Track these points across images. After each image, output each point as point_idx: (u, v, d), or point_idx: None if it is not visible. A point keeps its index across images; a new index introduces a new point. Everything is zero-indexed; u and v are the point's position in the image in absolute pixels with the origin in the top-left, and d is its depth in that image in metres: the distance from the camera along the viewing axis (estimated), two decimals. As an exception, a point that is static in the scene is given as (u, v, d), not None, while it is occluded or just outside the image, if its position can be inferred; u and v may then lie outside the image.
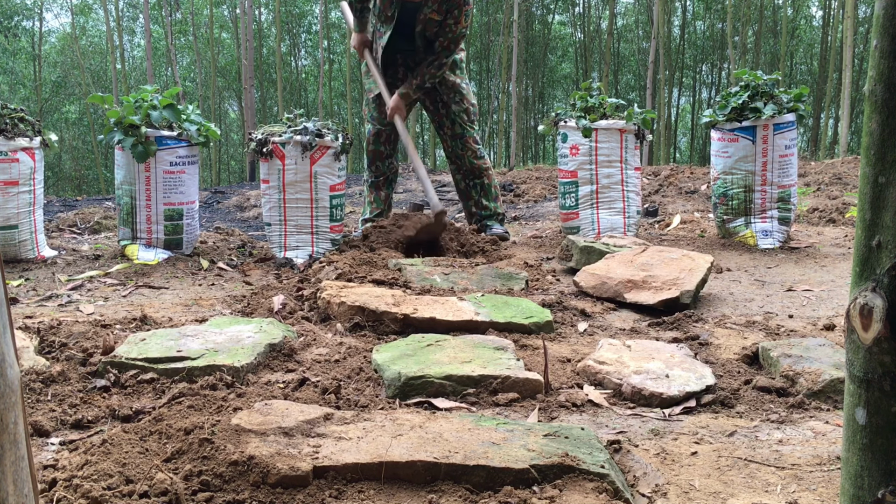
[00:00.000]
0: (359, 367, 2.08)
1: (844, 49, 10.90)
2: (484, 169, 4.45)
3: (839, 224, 5.15)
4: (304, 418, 1.55)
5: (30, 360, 2.02)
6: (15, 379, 0.76)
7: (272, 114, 21.96)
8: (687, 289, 2.90)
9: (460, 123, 4.37)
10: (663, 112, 16.81)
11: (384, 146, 4.47)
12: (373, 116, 4.45)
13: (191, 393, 1.80)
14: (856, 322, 0.79)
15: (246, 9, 16.32)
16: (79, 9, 22.41)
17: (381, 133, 4.44)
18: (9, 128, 3.58)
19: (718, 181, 4.33)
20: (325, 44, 20.46)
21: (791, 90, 4.24)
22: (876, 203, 0.77)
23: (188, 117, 3.90)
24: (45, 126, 3.89)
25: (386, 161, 4.51)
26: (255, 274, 3.62)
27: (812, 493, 1.39)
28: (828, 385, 1.92)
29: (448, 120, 4.38)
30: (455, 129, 4.37)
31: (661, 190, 6.97)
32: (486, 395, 1.90)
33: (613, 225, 4.27)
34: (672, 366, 2.05)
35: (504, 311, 2.58)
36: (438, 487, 1.35)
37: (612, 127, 4.22)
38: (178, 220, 3.85)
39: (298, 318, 2.59)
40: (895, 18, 0.75)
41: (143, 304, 2.93)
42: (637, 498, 1.39)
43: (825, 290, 3.23)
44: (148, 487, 1.29)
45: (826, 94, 15.82)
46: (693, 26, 21.71)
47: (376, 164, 4.50)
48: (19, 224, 3.62)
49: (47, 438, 1.65)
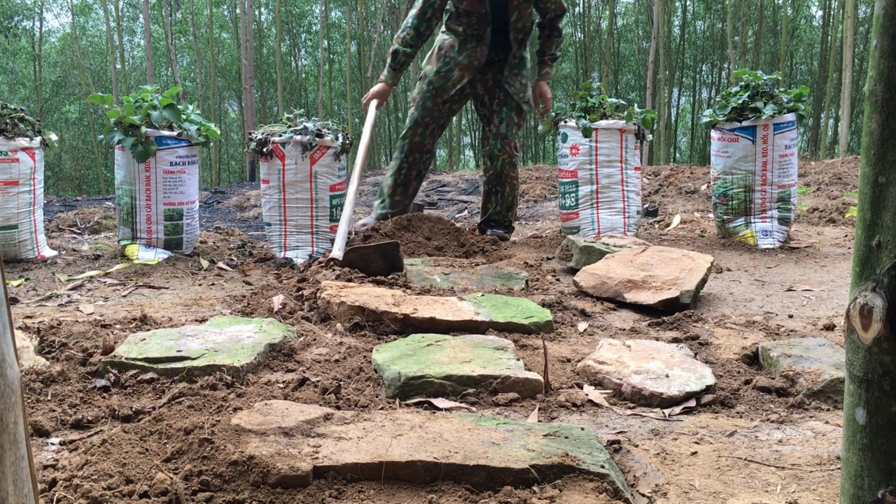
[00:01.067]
0: (359, 367, 2.08)
1: (844, 49, 10.91)
2: (511, 178, 4.40)
3: (839, 224, 5.15)
4: (304, 418, 1.55)
5: (30, 360, 2.02)
6: (15, 379, 0.76)
7: (272, 114, 21.95)
8: (687, 289, 2.90)
9: (507, 124, 4.33)
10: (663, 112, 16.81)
11: (429, 139, 4.35)
12: (425, 107, 4.30)
13: (191, 393, 1.80)
14: (856, 322, 0.79)
15: (246, 9, 16.32)
16: (79, 9, 22.41)
17: (428, 125, 4.32)
18: (9, 128, 3.58)
19: (718, 181, 4.33)
20: (325, 44, 20.46)
21: (791, 90, 4.25)
22: (876, 203, 0.77)
23: (188, 117, 3.90)
24: (45, 126, 3.89)
25: (425, 155, 4.38)
26: (255, 274, 3.63)
27: (812, 493, 1.39)
28: (828, 385, 1.92)
29: (497, 118, 4.34)
30: (501, 128, 4.33)
31: (661, 190, 6.97)
32: (486, 395, 1.90)
33: (613, 225, 4.27)
34: (672, 366, 2.05)
35: (504, 310, 2.58)
36: (438, 487, 1.35)
37: (612, 127, 4.22)
38: (178, 220, 3.85)
39: (298, 318, 2.59)
40: (895, 18, 0.75)
41: (143, 304, 2.93)
42: (637, 498, 1.39)
43: (825, 290, 3.23)
44: (148, 487, 1.29)
45: (826, 94, 15.82)
46: (693, 26, 21.70)
47: (415, 155, 4.35)
48: (19, 224, 3.62)
49: (47, 438, 1.65)
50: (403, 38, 4.26)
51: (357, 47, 19.44)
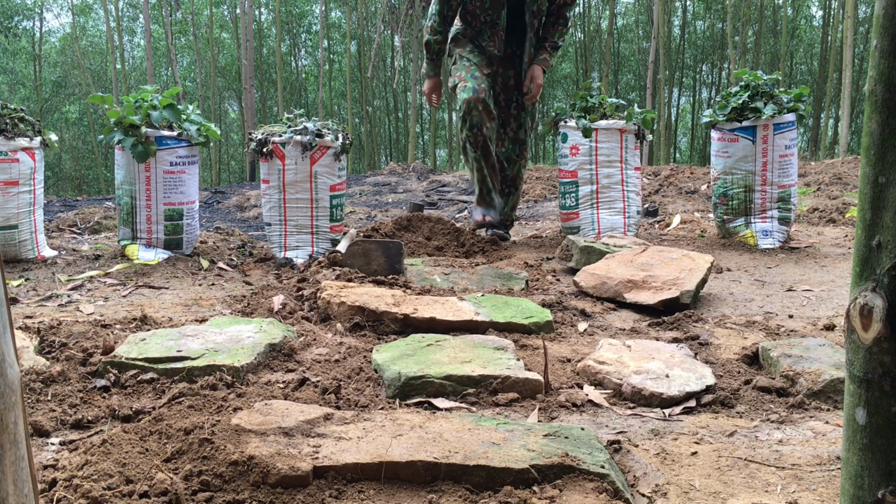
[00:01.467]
0: (359, 367, 2.08)
1: (844, 49, 10.91)
2: (521, 180, 4.46)
3: (839, 224, 5.15)
4: (304, 418, 1.55)
5: (30, 360, 2.02)
6: (15, 379, 0.76)
7: (272, 114, 21.95)
8: (687, 289, 2.90)
9: (525, 129, 4.32)
10: (663, 112, 16.80)
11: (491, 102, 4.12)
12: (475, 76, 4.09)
13: (191, 393, 1.80)
14: (856, 322, 0.79)
15: (246, 9, 16.32)
16: (79, 9, 22.41)
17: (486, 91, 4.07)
18: (9, 128, 3.58)
19: (718, 181, 4.33)
20: (325, 44, 20.46)
21: (791, 90, 4.24)
22: (876, 203, 0.77)
23: (188, 117, 3.90)
24: (45, 126, 3.89)
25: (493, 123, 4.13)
26: (255, 274, 3.63)
27: (812, 493, 1.39)
28: (828, 385, 1.92)
29: (516, 122, 4.31)
30: (519, 133, 4.32)
31: (661, 190, 6.97)
32: (486, 395, 1.90)
33: (613, 225, 4.27)
34: (672, 366, 2.05)
35: (504, 311, 2.58)
36: (438, 487, 1.35)
37: (612, 127, 4.22)
38: (179, 220, 3.85)
39: (298, 318, 2.59)
40: (895, 18, 0.75)
41: (143, 304, 2.93)
42: (637, 498, 1.39)
43: (825, 290, 3.23)
44: (148, 487, 1.29)
45: (826, 94, 15.82)
46: (693, 26, 21.70)
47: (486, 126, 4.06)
48: (19, 224, 3.62)
49: (47, 438, 1.65)
50: (431, 27, 4.17)
51: (357, 47, 19.44)
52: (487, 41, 4.14)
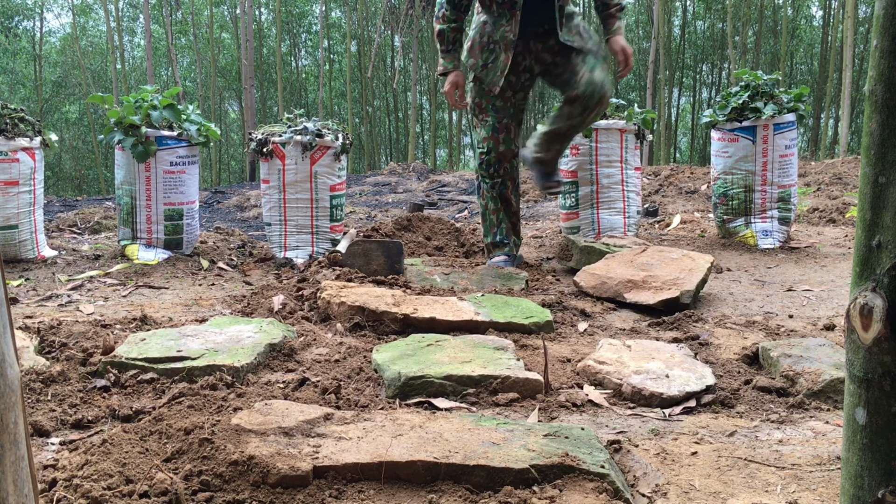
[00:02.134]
0: (359, 367, 2.08)
1: (844, 49, 10.90)
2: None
3: (839, 224, 5.15)
4: (304, 418, 1.55)
5: (30, 360, 2.02)
6: (15, 379, 0.76)
7: (272, 114, 21.95)
8: (687, 289, 2.90)
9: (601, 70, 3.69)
10: (663, 112, 16.80)
11: (514, 143, 3.71)
12: (495, 107, 3.66)
13: (191, 393, 1.80)
14: (856, 322, 0.79)
15: (246, 9, 16.32)
16: (79, 9, 22.40)
17: (508, 127, 3.67)
18: (9, 128, 3.58)
19: (718, 181, 4.33)
20: (325, 44, 20.46)
21: (791, 90, 4.25)
22: (876, 203, 0.77)
23: (188, 117, 3.90)
24: (45, 126, 3.89)
25: (513, 161, 3.73)
26: (255, 274, 3.63)
27: (812, 493, 1.39)
28: (828, 385, 1.92)
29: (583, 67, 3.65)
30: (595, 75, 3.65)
31: (661, 190, 6.97)
32: (486, 395, 1.90)
33: (613, 225, 4.27)
34: (672, 366, 2.05)
35: (504, 310, 2.58)
36: (438, 487, 1.35)
37: (612, 127, 4.22)
38: (179, 220, 3.85)
39: (298, 317, 2.59)
40: (895, 18, 0.75)
41: (143, 304, 2.93)
42: (637, 498, 1.39)
43: (825, 290, 3.23)
44: (148, 487, 1.29)
45: (826, 94, 15.82)
46: (693, 26, 21.70)
47: (504, 166, 3.69)
48: (19, 224, 3.62)
49: (47, 438, 1.65)
50: (444, 16, 3.74)
51: (357, 47, 19.43)
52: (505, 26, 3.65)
